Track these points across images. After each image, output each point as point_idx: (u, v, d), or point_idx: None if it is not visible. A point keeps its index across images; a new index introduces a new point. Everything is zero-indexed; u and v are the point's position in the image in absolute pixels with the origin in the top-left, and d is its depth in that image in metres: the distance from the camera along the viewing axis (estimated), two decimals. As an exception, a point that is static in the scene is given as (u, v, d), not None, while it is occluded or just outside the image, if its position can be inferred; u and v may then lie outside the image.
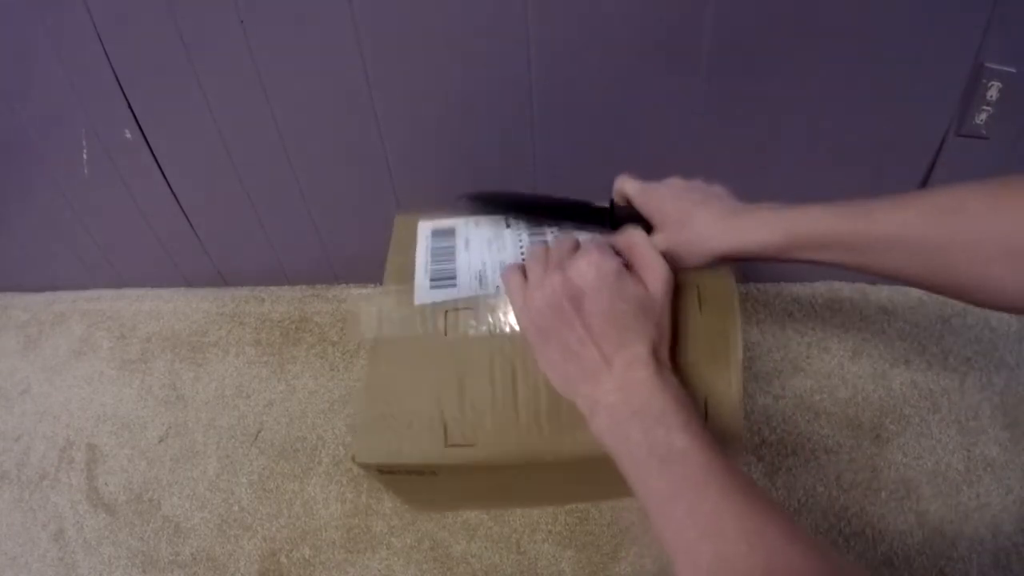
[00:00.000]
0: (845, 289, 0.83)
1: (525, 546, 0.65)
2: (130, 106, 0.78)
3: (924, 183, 0.71)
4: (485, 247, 0.53)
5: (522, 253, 0.52)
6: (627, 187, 0.50)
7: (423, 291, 0.50)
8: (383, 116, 0.74)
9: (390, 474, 0.49)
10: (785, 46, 0.63)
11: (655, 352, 0.38)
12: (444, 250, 0.54)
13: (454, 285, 0.50)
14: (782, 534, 0.28)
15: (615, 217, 0.51)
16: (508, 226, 0.55)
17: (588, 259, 0.39)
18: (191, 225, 0.93)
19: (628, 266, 0.41)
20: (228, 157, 0.82)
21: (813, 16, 0.60)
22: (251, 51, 0.70)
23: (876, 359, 0.76)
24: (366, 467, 0.47)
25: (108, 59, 0.74)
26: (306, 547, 0.69)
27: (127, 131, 0.81)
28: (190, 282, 1.04)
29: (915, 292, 0.82)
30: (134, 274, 1.06)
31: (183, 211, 0.91)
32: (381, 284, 0.54)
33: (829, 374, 0.75)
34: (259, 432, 0.81)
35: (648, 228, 0.48)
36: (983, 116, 0.64)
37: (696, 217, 0.44)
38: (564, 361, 0.39)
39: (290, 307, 0.97)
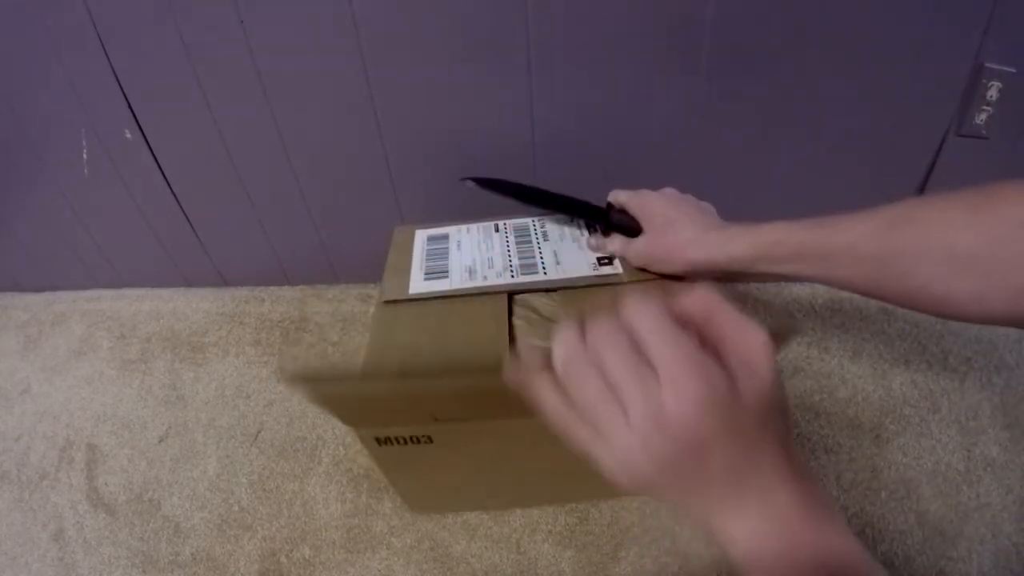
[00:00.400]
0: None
1: (525, 546, 0.65)
2: (130, 106, 0.78)
3: (924, 183, 0.71)
4: (476, 248, 0.58)
5: (509, 252, 0.56)
6: (620, 195, 0.55)
7: (417, 283, 0.54)
8: (383, 116, 0.74)
9: (387, 444, 0.49)
10: (785, 46, 0.63)
11: (790, 457, 0.28)
12: (438, 251, 0.59)
13: (446, 277, 0.54)
14: None
15: (609, 219, 0.56)
16: (497, 230, 0.60)
17: (688, 384, 0.25)
18: (191, 225, 0.93)
19: (704, 340, 0.28)
20: (228, 157, 0.82)
21: (813, 16, 0.60)
22: (251, 51, 0.70)
23: (876, 359, 0.76)
24: (363, 439, 0.48)
25: (108, 59, 0.74)
26: (306, 547, 0.69)
27: (127, 131, 0.81)
28: (190, 282, 1.04)
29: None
30: (134, 274, 1.06)
31: (183, 211, 0.91)
32: (380, 284, 0.55)
33: (829, 374, 0.75)
34: (259, 432, 0.81)
35: (637, 232, 0.52)
36: (983, 116, 0.64)
37: (679, 225, 0.48)
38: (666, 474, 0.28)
39: (290, 307, 0.97)
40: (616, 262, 0.54)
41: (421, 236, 0.62)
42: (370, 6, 0.64)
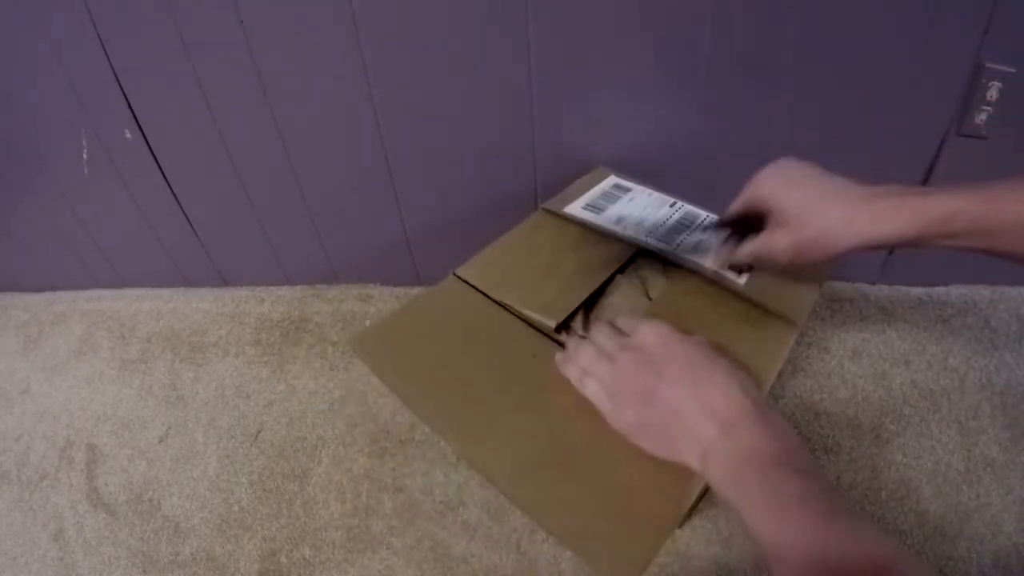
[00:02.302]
0: (845, 289, 0.83)
1: (525, 546, 0.65)
2: (130, 106, 0.78)
3: (924, 183, 0.71)
4: (640, 207, 0.62)
5: (662, 224, 0.60)
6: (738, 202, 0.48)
7: (575, 207, 0.62)
8: (383, 116, 0.74)
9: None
10: (785, 47, 0.63)
11: (745, 390, 0.37)
12: (611, 194, 0.64)
13: (598, 213, 0.61)
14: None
15: (725, 228, 0.51)
16: (671, 206, 0.62)
17: (646, 329, 0.42)
18: (191, 225, 0.93)
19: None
20: (228, 157, 0.82)
21: (813, 17, 0.60)
22: (251, 51, 0.70)
23: (876, 359, 0.76)
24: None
25: (108, 59, 0.74)
26: (306, 547, 0.69)
27: (127, 131, 0.81)
28: (190, 282, 1.04)
29: (915, 292, 0.82)
30: (134, 274, 1.06)
31: (183, 211, 0.91)
32: (380, 284, 0.55)
33: (829, 374, 0.75)
34: (259, 432, 0.81)
35: (759, 226, 0.46)
36: (983, 116, 0.64)
37: (820, 212, 0.41)
38: (660, 425, 0.38)
39: (290, 307, 0.97)
40: (744, 275, 0.52)
41: (611, 180, 0.67)
42: (370, 6, 0.64)
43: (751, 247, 0.46)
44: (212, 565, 0.70)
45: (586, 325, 0.49)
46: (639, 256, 0.55)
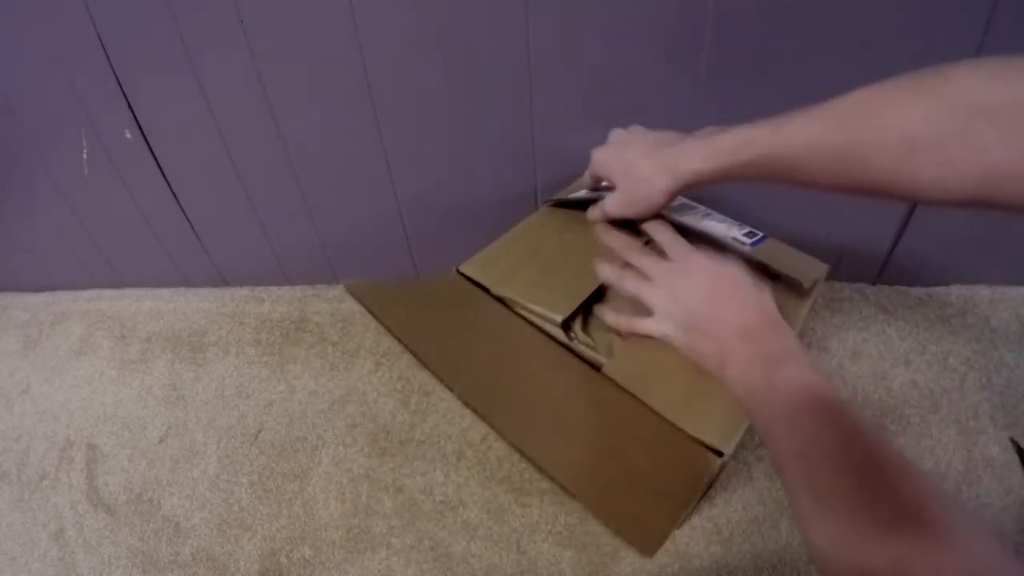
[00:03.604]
0: (845, 289, 0.83)
1: (525, 546, 0.65)
2: (130, 106, 0.78)
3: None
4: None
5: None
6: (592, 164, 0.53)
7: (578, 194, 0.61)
8: (383, 116, 0.74)
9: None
10: (784, 46, 0.63)
11: (763, 304, 0.41)
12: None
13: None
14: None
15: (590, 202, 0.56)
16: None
17: (693, 254, 0.45)
18: (191, 225, 0.93)
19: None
20: (228, 157, 0.82)
21: (813, 16, 0.60)
22: (251, 51, 0.70)
23: (876, 359, 0.76)
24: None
25: (108, 59, 0.74)
26: (306, 547, 0.69)
27: (127, 131, 0.81)
28: (190, 282, 1.04)
29: (915, 292, 0.82)
30: (134, 274, 1.06)
31: (183, 211, 0.91)
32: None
33: (829, 374, 0.75)
34: (259, 432, 0.81)
35: None
36: (983, 116, 0.64)
37: (638, 166, 0.46)
38: (694, 329, 0.42)
39: (290, 307, 0.97)
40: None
41: None
42: (370, 6, 0.64)
43: (596, 212, 0.54)
44: (212, 565, 0.70)
45: (585, 326, 0.49)
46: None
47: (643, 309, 0.46)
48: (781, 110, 0.68)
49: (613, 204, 0.51)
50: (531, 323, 0.50)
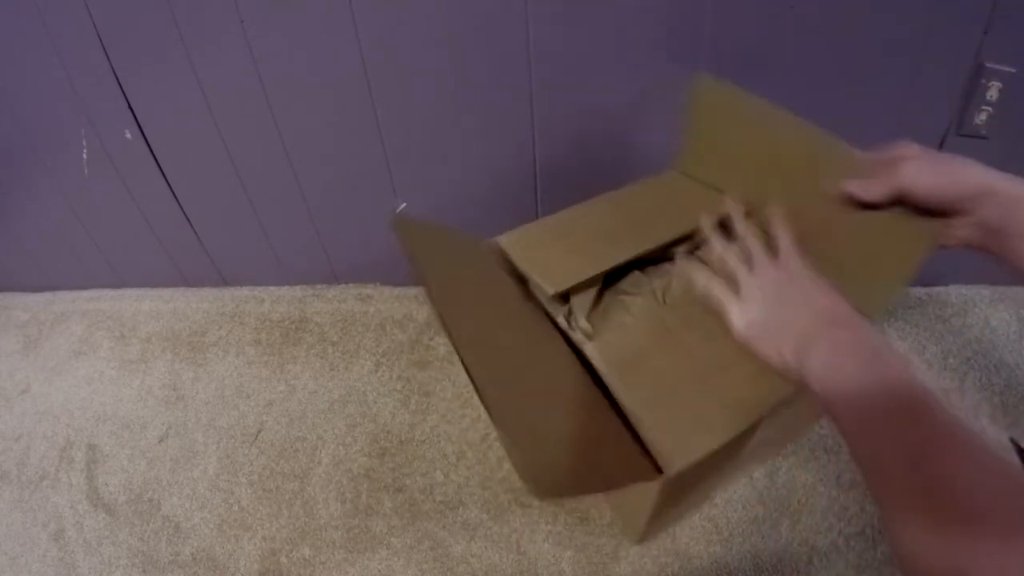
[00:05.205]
0: (845, 289, 0.83)
1: (525, 546, 0.65)
2: (130, 106, 0.78)
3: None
4: None
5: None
6: (916, 176, 0.43)
7: None
8: (383, 116, 0.74)
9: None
10: (785, 45, 0.63)
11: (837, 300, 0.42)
12: None
13: None
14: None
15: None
16: None
17: (790, 261, 0.46)
18: (191, 225, 0.93)
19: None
20: (228, 157, 0.82)
21: (813, 16, 0.60)
22: (251, 51, 0.70)
23: (876, 359, 0.76)
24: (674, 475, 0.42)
25: (108, 59, 0.74)
26: (306, 547, 0.69)
27: (127, 131, 0.81)
28: (190, 282, 1.04)
29: (915, 292, 0.82)
30: (134, 274, 1.06)
31: (183, 211, 0.91)
32: (380, 284, 0.55)
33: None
34: (259, 432, 0.81)
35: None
36: (983, 116, 0.64)
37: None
38: (774, 325, 0.43)
39: (290, 307, 0.97)
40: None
41: None
42: (370, 6, 0.64)
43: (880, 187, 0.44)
44: (212, 565, 0.70)
45: (593, 309, 0.49)
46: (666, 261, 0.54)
47: (724, 327, 0.46)
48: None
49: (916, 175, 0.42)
50: (541, 303, 0.50)
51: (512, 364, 0.43)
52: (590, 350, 0.45)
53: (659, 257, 0.54)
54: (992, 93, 0.62)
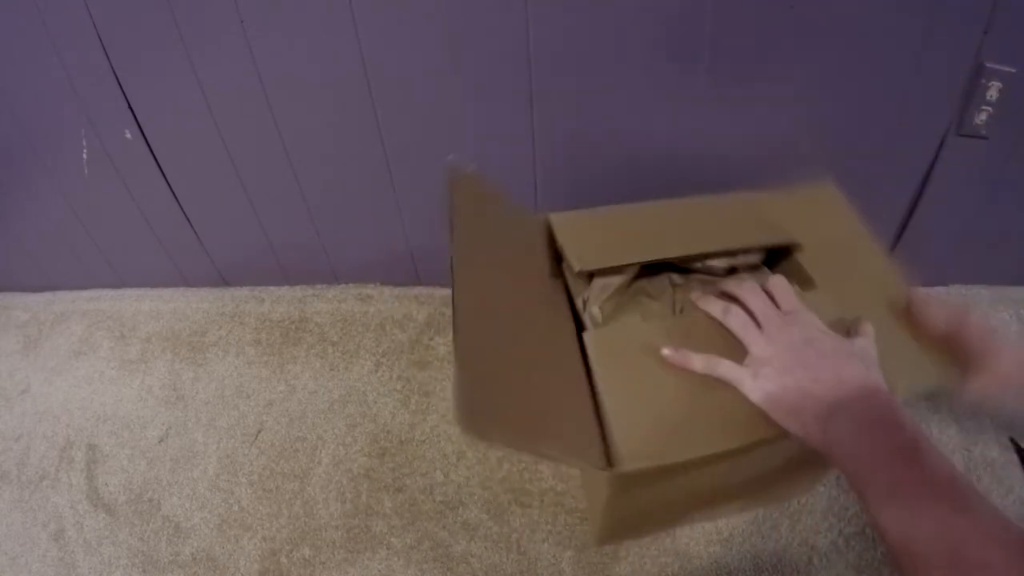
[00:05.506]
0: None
1: (525, 546, 0.65)
2: (130, 106, 0.78)
3: (924, 182, 0.71)
4: None
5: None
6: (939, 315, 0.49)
7: None
8: (383, 116, 0.74)
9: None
10: (785, 45, 0.63)
11: (869, 368, 0.41)
12: None
13: None
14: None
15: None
16: None
17: (800, 316, 0.43)
18: (191, 225, 0.93)
19: None
20: (228, 157, 0.82)
21: (812, 16, 0.60)
22: (251, 51, 0.70)
23: (876, 359, 0.76)
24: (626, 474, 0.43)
25: (108, 59, 0.74)
26: (306, 547, 0.69)
27: (127, 131, 0.81)
28: (190, 282, 1.04)
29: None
30: (134, 274, 1.06)
31: (183, 211, 0.91)
32: (380, 284, 0.55)
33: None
34: (259, 432, 0.81)
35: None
36: (983, 116, 0.64)
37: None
38: (794, 390, 0.40)
39: (290, 307, 0.97)
40: None
41: None
42: (370, 6, 0.64)
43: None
44: (212, 565, 0.70)
45: (617, 296, 0.50)
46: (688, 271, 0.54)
47: (730, 348, 0.44)
48: (781, 110, 0.68)
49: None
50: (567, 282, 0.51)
51: (503, 320, 0.43)
52: (588, 336, 0.45)
53: (699, 267, 0.53)
54: (992, 93, 0.62)
